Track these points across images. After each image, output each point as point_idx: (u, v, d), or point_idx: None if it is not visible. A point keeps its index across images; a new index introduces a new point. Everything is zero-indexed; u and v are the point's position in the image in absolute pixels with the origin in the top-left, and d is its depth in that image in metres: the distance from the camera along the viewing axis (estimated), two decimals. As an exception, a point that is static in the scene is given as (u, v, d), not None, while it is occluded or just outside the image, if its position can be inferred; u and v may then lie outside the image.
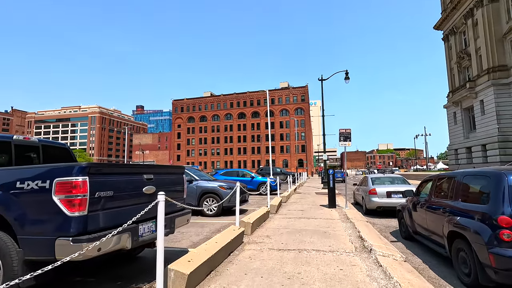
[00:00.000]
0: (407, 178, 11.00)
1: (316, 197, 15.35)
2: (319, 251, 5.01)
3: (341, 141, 10.82)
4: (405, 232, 6.39)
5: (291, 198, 14.77)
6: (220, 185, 8.88)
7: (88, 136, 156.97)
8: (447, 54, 42.86)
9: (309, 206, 11.45)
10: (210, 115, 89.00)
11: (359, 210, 10.73)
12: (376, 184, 9.99)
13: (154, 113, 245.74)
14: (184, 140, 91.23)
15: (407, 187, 9.29)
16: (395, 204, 8.98)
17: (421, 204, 5.45)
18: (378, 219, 9.14)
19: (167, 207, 3.17)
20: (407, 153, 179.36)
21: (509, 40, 30.95)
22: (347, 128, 10.87)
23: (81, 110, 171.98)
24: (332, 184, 10.73)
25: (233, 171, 17.69)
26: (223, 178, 17.07)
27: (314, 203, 12.31)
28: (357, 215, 9.08)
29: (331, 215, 9.07)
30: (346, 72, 21.86)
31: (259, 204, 12.44)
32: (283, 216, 8.85)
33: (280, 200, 11.45)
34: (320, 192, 18.69)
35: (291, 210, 10.23)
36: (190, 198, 8.85)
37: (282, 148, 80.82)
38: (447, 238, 4.19)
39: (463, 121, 38.32)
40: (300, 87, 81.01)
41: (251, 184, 16.85)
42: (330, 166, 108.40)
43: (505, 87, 31.01)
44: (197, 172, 9.99)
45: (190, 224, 7.54)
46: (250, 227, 6.30)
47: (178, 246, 5.50)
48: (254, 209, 10.79)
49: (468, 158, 37.16)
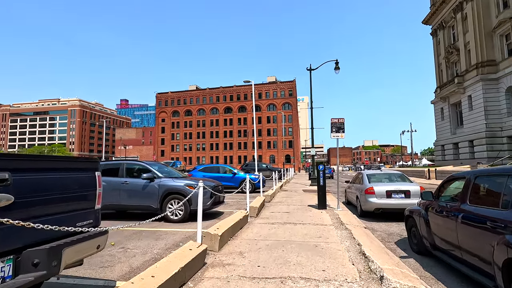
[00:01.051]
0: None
1: (304, 195, 13.96)
2: (309, 280, 3.51)
3: (333, 132, 9.38)
4: (417, 244, 5.01)
5: (276, 196, 13.31)
6: (188, 183, 7.25)
7: (68, 131, 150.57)
8: (435, 49, 42.47)
9: (296, 206, 10.01)
10: (195, 109, 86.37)
11: (353, 211, 9.38)
12: (373, 182, 8.63)
13: (139, 108, 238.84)
14: (169, 135, 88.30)
15: (410, 185, 7.98)
16: (397, 206, 7.65)
17: (447, 211, 4.03)
18: (377, 223, 7.79)
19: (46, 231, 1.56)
20: (392, 149, 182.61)
21: (498, 35, 30.55)
22: (340, 118, 9.44)
23: (60, 103, 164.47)
24: (322, 182, 9.31)
25: (213, 167, 16.05)
26: (202, 175, 15.40)
27: (302, 203, 10.89)
28: (352, 218, 7.69)
29: (321, 219, 7.63)
30: (336, 62, 20.55)
31: (239, 204, 10.91)
32: (265, 221, 7.34)
33: (263, 200, 9.94)
34: (308, 189, 17.36)
35: (274, 212, 8.74)
36: (150, 200, 7.19)
37: (269, 144, 79.49)
38: (502, 268, 2.76)
39: (451, 116, 38.07)
40: (287, 81, 79.64)
41: (232, 181, 15.28)
42: (317, 162, 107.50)
43: (493, 83, 30.68)
44: (162, 168, 8.31)
45: (144, 234, 5.90)
46: (217, 241, 4.73)
47: (102, 277, 3.75)
48: (232, 211, 9.24)
49: (454, 154, 37.00)
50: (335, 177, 40.22)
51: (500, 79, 30.15)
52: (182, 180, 7.38)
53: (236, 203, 11.28)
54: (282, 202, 11.16)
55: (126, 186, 7.36)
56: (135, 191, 7.28)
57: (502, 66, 29.86)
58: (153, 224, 7.01)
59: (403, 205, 7.64)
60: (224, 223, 5.63)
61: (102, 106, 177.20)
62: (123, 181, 7.44)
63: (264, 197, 11.11)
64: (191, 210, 7.14)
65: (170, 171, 8.56)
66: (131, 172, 7.66)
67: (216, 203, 7.69)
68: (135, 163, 7.83)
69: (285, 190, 17.20)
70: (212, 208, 7.63)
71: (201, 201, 4.48)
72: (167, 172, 8.43)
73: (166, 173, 8.22)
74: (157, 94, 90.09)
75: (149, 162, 8.03)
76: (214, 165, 16.18)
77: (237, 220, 6.10)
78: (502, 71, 29.63)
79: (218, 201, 7.76)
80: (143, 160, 8.20)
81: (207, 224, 6.99)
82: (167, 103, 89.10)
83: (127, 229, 6.41)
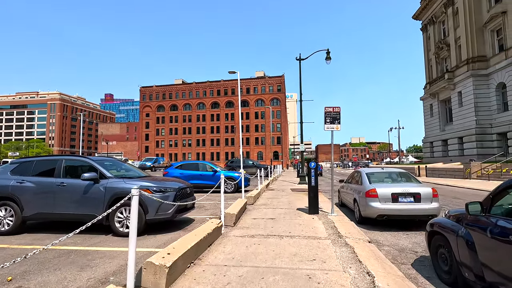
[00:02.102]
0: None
1: (292, 195, 12.54)
2: None
3: (327, 123, 7.93)
4: (449, 273, 3.61)
5: (261, 197, 11.82)
6: (145, 185, 5.59)
7: (47, 125, 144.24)
8: (425, 45, 41.93)
9: (283, 210, 8.53)
10: (181, 103, 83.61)
11: (349, 216, 7.99)
12: (374, 182, 7.23)
13: (124, 102, 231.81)
14: (153, 130, 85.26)
15: (420, 187, 6.62)
16: (405, 212, 6.29)
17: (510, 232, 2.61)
18: (380, 233, 6.40)
19: None
20: (378, 146, 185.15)
21: (490, 30, 30.03)
22: (335, 106, 7.99)
23: (39, 96, 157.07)
24: (314, 181, 7.86)
25: (192, 163, 14.33)
26: (178, 173, 13.75)
27: (290, 206, 9.43)
28: (350, 227, 6.27)
29: (314, 228, 6.18)
30: (328, 52, 19.16)
31: (218, 208, 9.34)
32: (243, 233, 5.81)
33: (244, 203, 8.41)
34: (297, 188, 15.97)
35: (257, 219, 7.23)
36: (93, 207, 5.50)
37: (257, 140, 77.96)
38: None
39: (440, 113, 37.66)
40: (276, 76, 78.06)
41: (213, 179, 13.66)
42: (306, 158, 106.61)
43: (483, 78, 30.21)
44: (117, 165, 6.62)
45: (71, 258, 4.24)
46: (164, 277, 3.14)
47: None
48: (206, 218, 7.68)
49: (443, 151, 36.66)
50: (324, 174, 39.09)
51: (490, 75, 29.69)
52: (136, 182, 5.72)
53: (213, 207, 9.69)
54: (268, 205, 9.66)
55: (62, 189, 5.64)
56: (73, 196, 5.57)
57: (493, 62, 29.40)
58: (95, 239, 5.35)
59: (413, 211, 6.29)
60: (182, 242, 4.04)
61: (84, 100, 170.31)
62: (59, 182, 5.71)
63: (246, 199, 9.59)
64: (147, 220, 5.51)
65: (128, 170, 6.88)
66: (71, 170, 5.93)
67: (182, 210, 6.08)
68: (77, 159, 6.10)
69: (271, 189, 15.74)
70: (175, 216, 6.03)
71: (134, 215, 2.88)
72: (123, 170, 6.75)
73: (120, 172, 6.54)
74: (141, 88, 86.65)
75: (99, 158, 6.32)
76: (192, 162, 14.46)
77: (203, 235, 4.53)
78: (493, 67, 29.17)
79: (184, 208, 6.15)
80: (89, 156, 6.46)
81: (167, 239, 5.40)
82: (151, 97, 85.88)
83: (54, 248, 4.72)
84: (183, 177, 13.73)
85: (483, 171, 21.55)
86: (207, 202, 10.73)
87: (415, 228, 6.68)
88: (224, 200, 11.27)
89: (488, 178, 19.38)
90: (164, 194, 5.60)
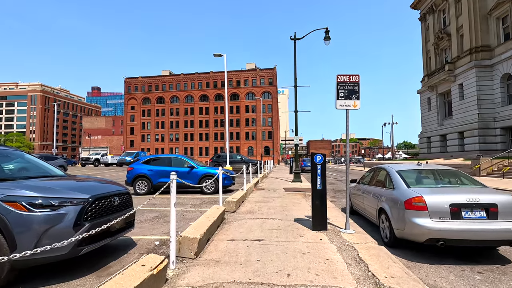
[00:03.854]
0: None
1: (287, 197, 10.09)
2: None
3: (341, 98, 5.45)
4: None
5: (247, 200, 9.33)
6: (16, 195, 2.98)
7: (27, 118, 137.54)
8: (423, 36, 40.01)
9: (276, 223, 6.05)
10: (168, 96, 79.86)
11: (370, 230, 5.57)
12: (414, 185, 4.77)
13: (112, 96, 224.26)
14: (139, 124, 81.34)
15: (493, 194, 4.19)
16: (475, 236, 3.88)
17: None
18: (436, 270, 3.99)
19: None
20: (369, 142, 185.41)
21: (495, 17, 28.16)
22: (353, 75, 5.51)
23: (19, 87, 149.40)
24: (321, 183, 5.42)
25: (164, 158, 11.64)
26: (146, 170, 11.12)
27: (285, 214, 6.97)
28: (387, 260, 3.85)
29: (328, 263, 3.72)
30: (326, 31, 16.70)
31: (180, 222, 6.79)
32: (209, 274, 3.29)
33: (221, 214, 5.90)
34: (291, 187, 13.56)
35: (236, 242, 4.73)
36: None
37: (247, 135, 75.28)
38: None
39: (438, 107, 35.92)
40: (268, 68, 75.24)
41: (189, 177, 11.07)
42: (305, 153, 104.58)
43: (487, 69, 28.41)
44: (13, 160, 3.98)
45: None
46: None
47: None
48: (153, 241, 5.11)
49: (442, 147, 35.00)
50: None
51: (494, 65, 27.91)
52: (10, 186, 3.09)
53: (180, 219, 7.06)
54: (254, 213, 7.17)
55: None
56: None
57: (498, 52, 27.58)
58: None
59: (486, 233, 3.88)
60: None
61: (67, 92, 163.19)
62: None
63: (225, 205, 7.08)
64: (12, 265, 2.90)
65: (27, 168, 4.23)
66: None
67: (99, 236, 3.44)
68: None
69: (261, 188, 13.28)
70: (82, 250, 3.35)
71: None
72: (14, 166, 4.10)
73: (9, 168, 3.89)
74: (125, 79, 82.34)
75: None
76: (165, 156, 11.77)
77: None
78: (498, 57, 27.36)
79: (106, 232, 3.52)
80: None
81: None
82: (137, 89, 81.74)
83: None
84: (152, 174, 11.10)
85: (494, 168, 19.70)
86: (167, 208, 8.12)
87: (485, 259, 4.31)
88: (199, 204, 8.65)
89: (502, 175, 17.53)
90: (54, 211, 3.00)
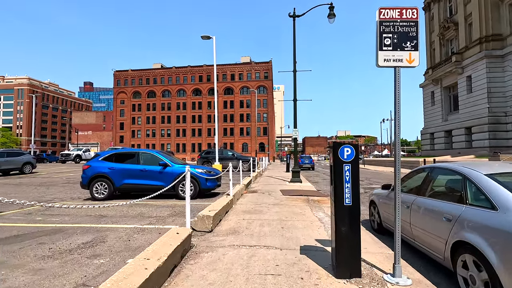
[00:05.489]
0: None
1: (285, 205, 7.82)
2: None
3: (386, 48, 3.15)
4: None
5: (232, 211, 7.02)
6: None
7: (14, 113, 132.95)
8: (427, 26, 37.96)
9: (273, 260, 3.76)
10: (159, 90, 76.80)
11: (438, 279, 3.33)
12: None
13: (104, 91, 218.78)
14: (129, 119, 78.22)
15: None
16: None
17: None
18: None
19: None
20: (365, 139, 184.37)
21: (507, 4, 26.13)
22: (407, 8, 3.19)
23: (5, 81, 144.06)
24: (350, 195, 3.13)
25: (129, 153, 9.22)
26: (107, 168, 8.72)
27: (286, 239, 4.69)
28: None
29: None
30: (331, 7, 14.37)
31: (127, 252, 4.45)
32: None
33: (180, 244, 3.59)
34: (289, 189, 11.29)
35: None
36: None
37: (242, 130, 72.85)
38: None
39: (443, 101, 33.98)
40: (263, 62, 72.67)
41: (160, 178, 8.71)
42: (291, 151, 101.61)
43: (498, 60, 26.46)
44: None
45: None
46: None
47: None
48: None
49: (446, 143, 33.12)
50: (317, 168, 34.79)
51: (506, 56, 25.95)
52: None
53: (121, 248, 4.65)
54: (240, 234, 4.88)
55: None
56: None
57: (510, 41, 25.63)
58: None
59: None
60: None
61: (57, 87, 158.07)
62: None
63: (197, 221, 4.77)
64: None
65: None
66: None
67: None
68: None
69: (254, 190, 11.00)
70: None
71: None
72: None
73: None
74: (115, 72, 78.94)
75: None
76: (131, 151, 9.35)
77: None
78: (510, 47, 25.41)
79: None
80: None
81: None
82: (126, 83, 78.45)
83: None
84: (114, 174, 8.70)
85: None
86: (113, 225, 5.74)
87: None
88: (166, 217, 6.07)
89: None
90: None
